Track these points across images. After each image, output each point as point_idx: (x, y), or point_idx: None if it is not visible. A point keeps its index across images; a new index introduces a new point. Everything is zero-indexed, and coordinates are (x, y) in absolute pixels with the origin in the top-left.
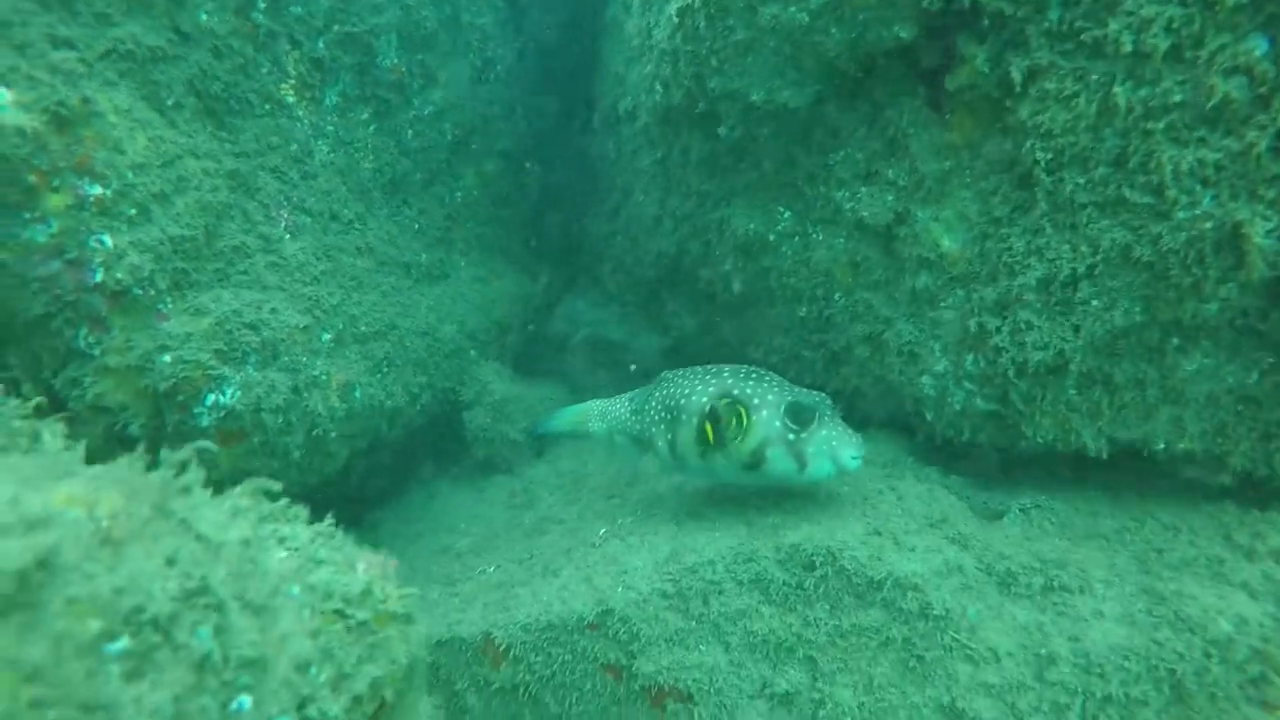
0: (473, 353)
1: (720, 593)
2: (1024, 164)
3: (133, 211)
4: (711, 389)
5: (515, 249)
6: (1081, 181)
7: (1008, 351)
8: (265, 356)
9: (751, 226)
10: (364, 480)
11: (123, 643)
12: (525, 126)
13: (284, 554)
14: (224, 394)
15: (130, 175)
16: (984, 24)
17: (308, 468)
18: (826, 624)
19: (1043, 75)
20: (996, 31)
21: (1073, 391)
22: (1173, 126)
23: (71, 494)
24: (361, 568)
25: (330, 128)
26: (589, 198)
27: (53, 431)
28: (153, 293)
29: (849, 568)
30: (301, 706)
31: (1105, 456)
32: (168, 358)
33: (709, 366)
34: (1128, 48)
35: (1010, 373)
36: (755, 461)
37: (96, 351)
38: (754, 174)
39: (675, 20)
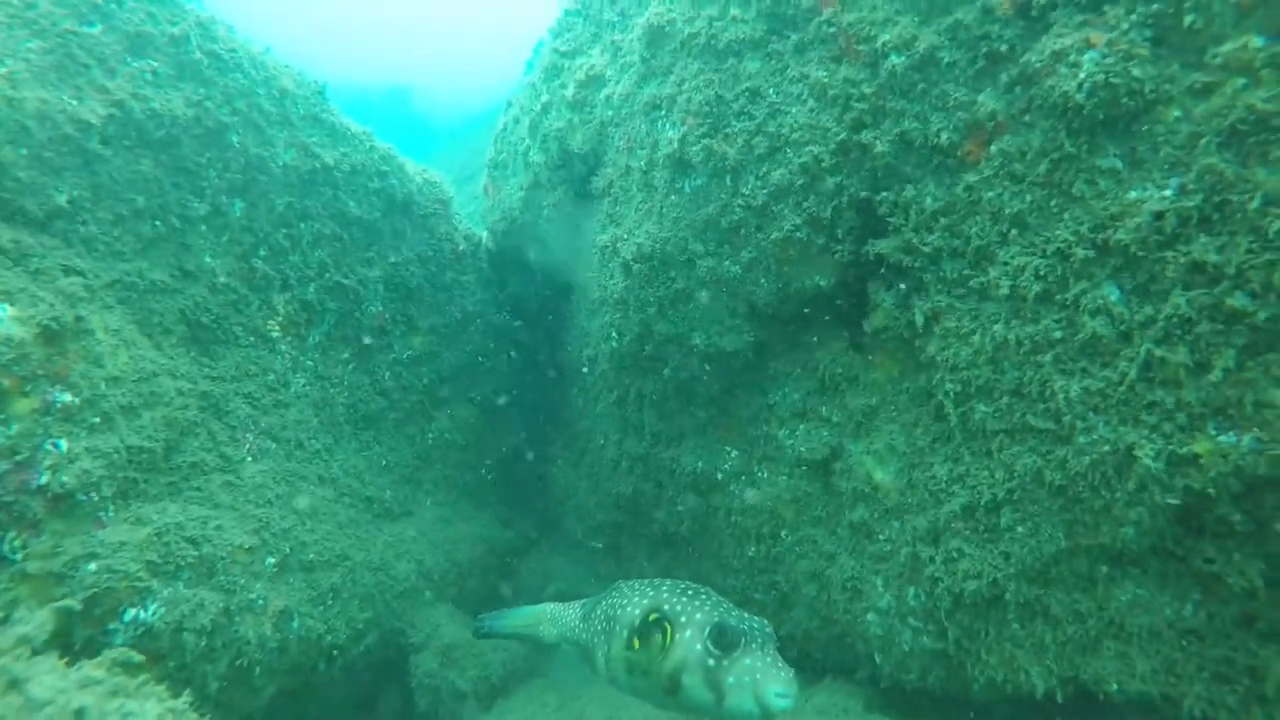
0: (428, 594)
1: None
2: (938, 396)
3: (96, 419)
4: (646, 602)
5: (484, 494)
6: (989, 410)
7: (943, 581)
8: (200, 573)
9: (700, 465)
10: None
11: None
12: (501, 377)
13: None
14: (146, 609)
15: (103, 386)
16: (889, 273)
17: (225, 703)
18: None
19: (943, 316)
20: (900, 279)
21: (1015, 625)
22: (1059, 359)
23: None
24: None
25: (310, 363)
26: (559, 449)
27: None
28: (96, 498)
29: None
30: None
31: (1060, 699)
32: (93, 565)
33: (657, 580)
34: (1005, 291)
35: (948, 604)
36: (673, 686)
37: (18, 557)
38: (701, 414)
39: (624, 271)
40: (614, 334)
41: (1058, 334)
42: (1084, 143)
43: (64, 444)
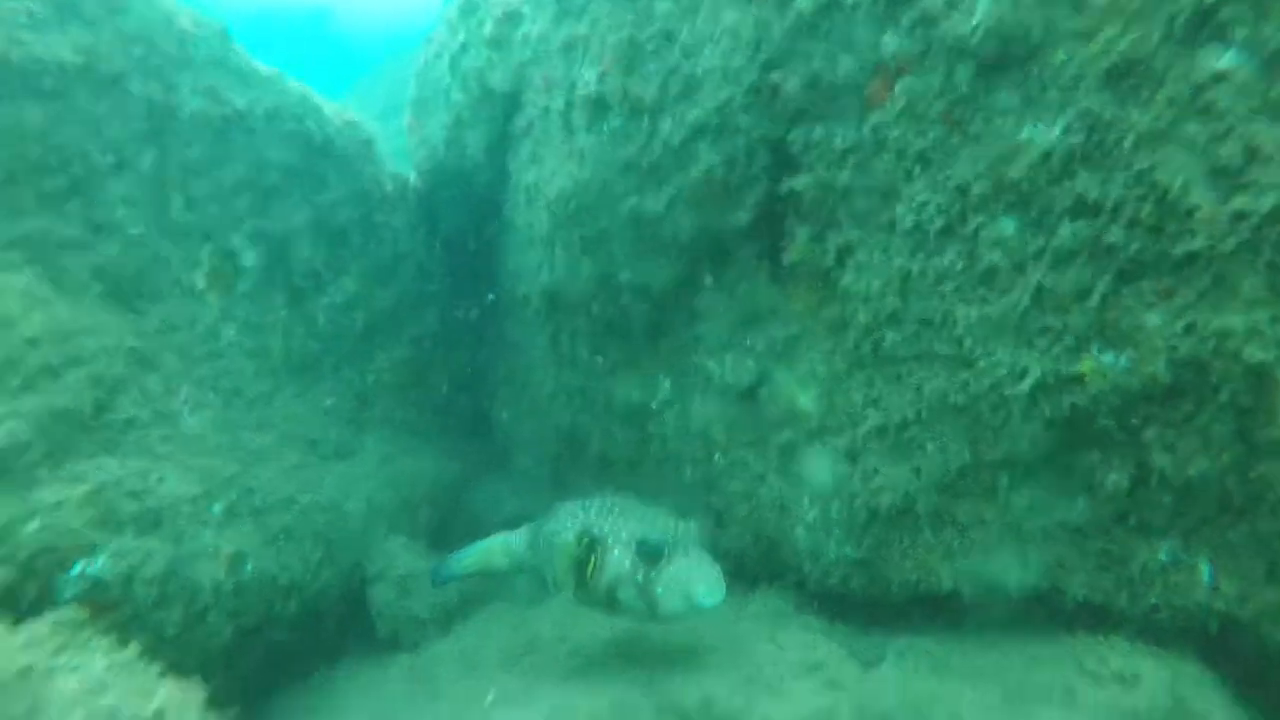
0: (380, 528)
1: None
2: (853, 325)
3: (16, 382)
4: (578, 525)
5: (429, 430)
6: (899, 338)
7: (860, 496)
8: (146, 524)
9: (634, 395)
10: (262, 661)
11: None
12: (436, 315)
13: (72, 682)
14: (94, 563)
15: (21, 348)
16: (804, 209)
17: (185, 645)
18: None
19: (855, 249)
20: (815, 215)
21: (926, 532)
22: (960, 289)
23: None
24: (161, 694)
25: (240, 312)
26: (500, 384)
27: None
28: (28, 459)
29: (724, 716)
30: None
31: (967, 595)
32: (34, 524)
33: (588, 500)
34: (910, 225)
35: (864, 517)
36: (611, 600)
37: None
38: (631, 347)
39: (549, 212)
40: (544, 272)
41: (959, 265)
42: (980, 84)
43: None
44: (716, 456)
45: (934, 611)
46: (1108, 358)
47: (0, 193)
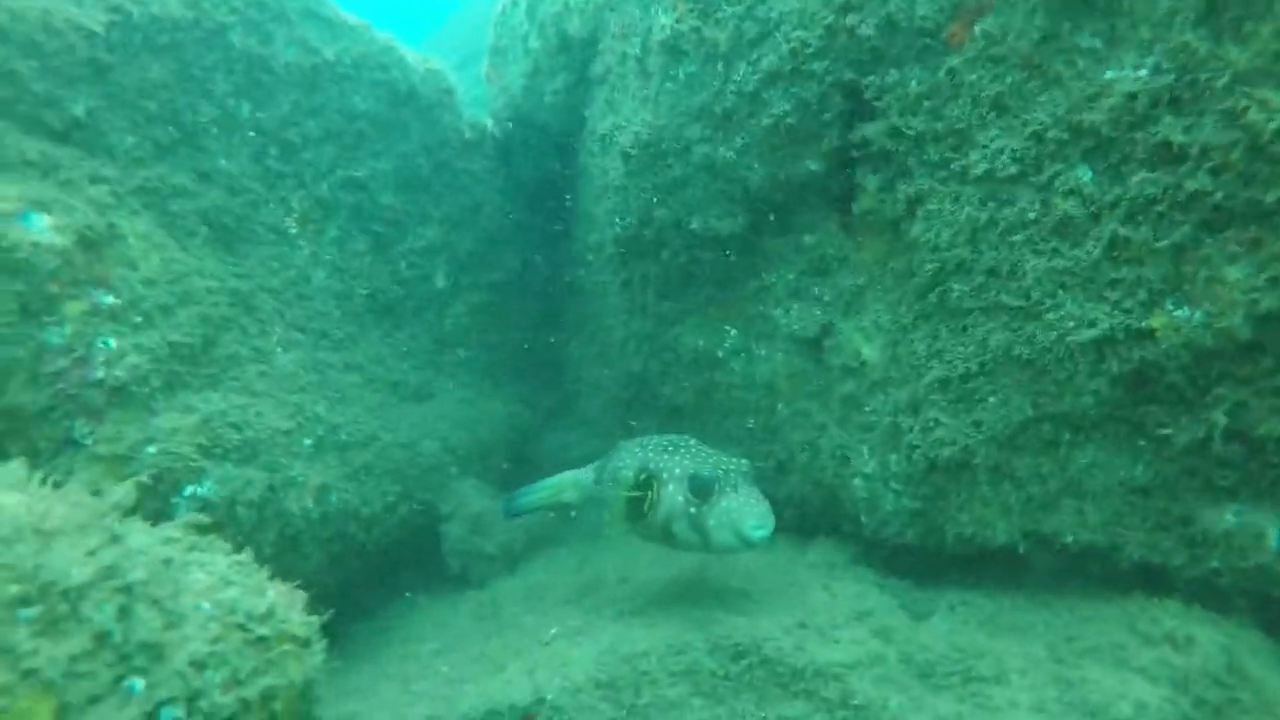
0: (454, 469)
1: (653, 683)
2: (920, 276)
3: (139, 319)
4: (636, 462)
5: (503, 374)
6: (965, 289)
7: (920, 448)
8: (245, 454)
9: (700, 343)
10: (342, 590)
11: (35, 608)
12: (513, 261)
13: (201, 575)
14: (201, 486)
15: (141, 288)
16: (876, 157)
17: (279, 565)
18: (754, 715)
19: (926, 198)
20: (886, 164)
21: (984, 486)
22: (1031, 239)
23: (19, 498)
24: (271, 594)
25: (328, 256)
26: (572, 330)
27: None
28: (147, 390)
29: (773, 657)
30: (192, 699)
31: (1022, 550)
32: (153, 449)
33: (647, 438)
34: (983, 173)
35: (923, 468)
36: (666, 534)
37: (89, 442)
38: (701, 295)
39: (623, 159)
40: (616, 220)
41: (1032, 215)
42: (1065, 23)
43: (113, 342)
44: (780, 406)
45: (988, 566)
46: (1182, 312)
47: (124, 144)
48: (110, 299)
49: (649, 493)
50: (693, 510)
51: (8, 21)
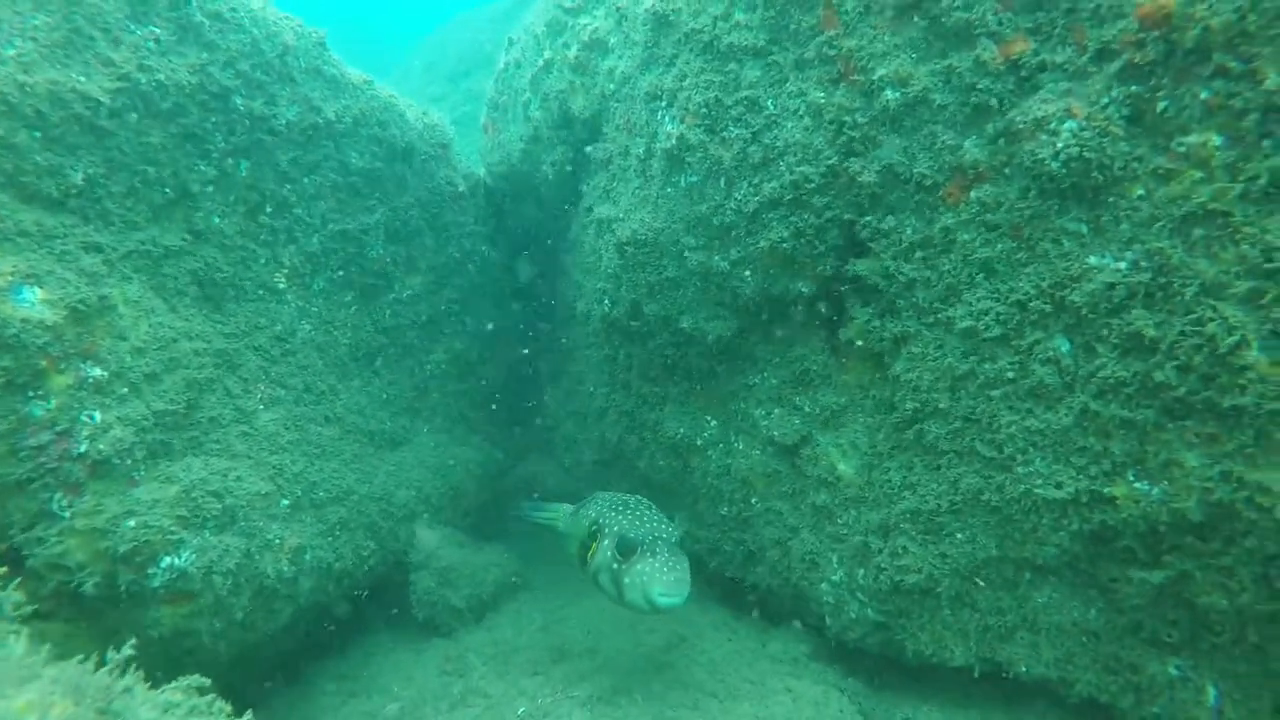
0: (426, 516)
1: None
2: (899, 410)
3: (124, 390)
4: (593, 514)
5: (478, 418)
6: (942, 431)
7: (887, 571)
8: (223, 522)
9: (681, 430)
10: (306, 634)
11: None
12: (495, 308)
13: None
14: (179, 557)
15: (128, 359)
16: (866, 291)
17: (250, 626)
18: None
19: (911, 340)
20: (875, 299)
21: (946, 611)
22: (1008, 396)
23: (30, 701)
24: None
25: (315, 309)
26: (549, 379)
27: (18, 635)
28: (130, 462)
29: None
30: None
31: (978, 674)
32: (132, 522)
33: (611, 495)
34: (968, 328)
35: (888, 588)
36: (595, 583)
37: (67, 515)
38: (684, 385)
39: (617, 252)
40: (606, 301)
41: (1010, 375)
42: (1054, 205)
43: (98, 415)
44: (754, 500)
45: (943, 682)
46: (1142, 485)
47: (120, 208)
48: (97, 371)
49: (594, 543)
50: (615, 566)
51: (16, 96)
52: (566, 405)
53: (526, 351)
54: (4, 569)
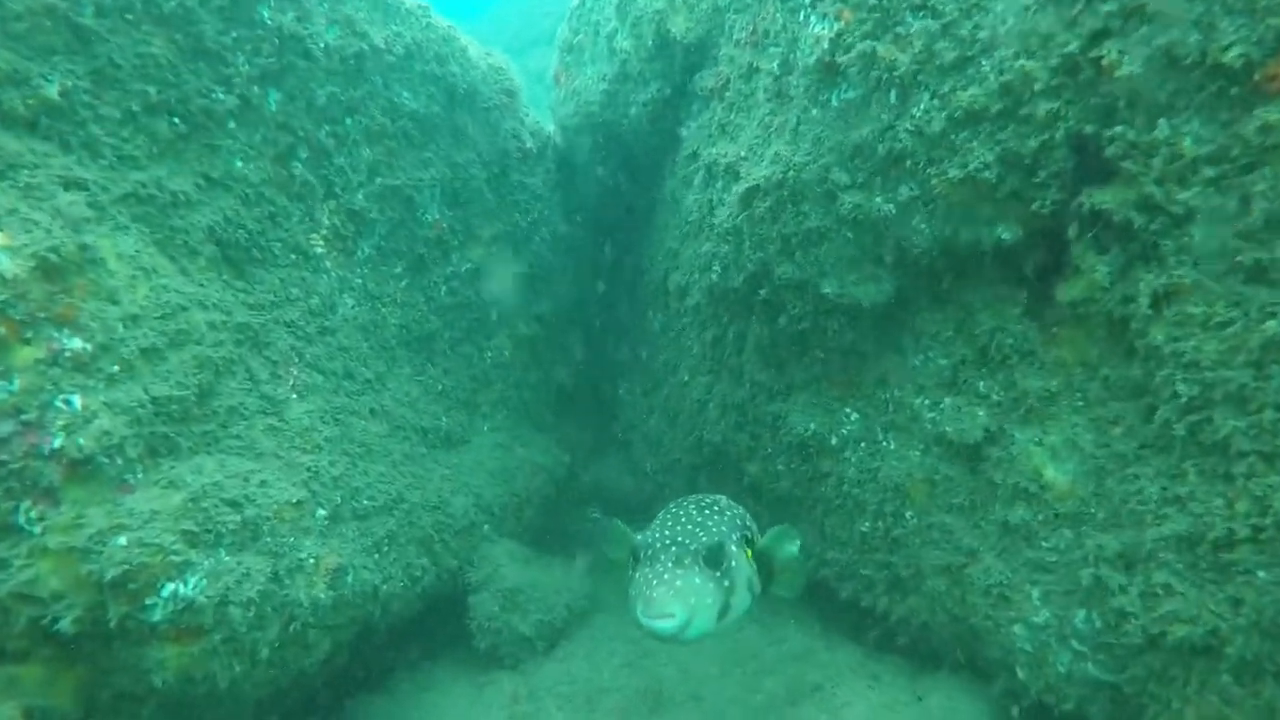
0: (486, 527)
1: None
2: (1159, 396)
3: (115, 368)
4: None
5: (544, 416)
6: (1241, 425)
7: (1136, 618)
8: (243, 538)
9: (811, 426)
10: (349, 664)
11: None
12: (566, 290)
13: None
14: (186, 583)
15: (120, 328)
16: (1107, 233)
17: (279, 664)
18: None
19: (1184, 297)
20: (1123, 243)
21: (1228, 678)
22: None
23: None
24: None
25: (359, 281)
26: (625, 369)
27: None
28: (121, 461)
29: None
30: None
31: None
32: (123, 539)
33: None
34: None
35: (1139, 642)
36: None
37: (36, 530)
38: (818, 369)
39: (741, 201)
40: (717, 267)
41: None
42: None
43: (77, 400)
44: (909, 514)
45: None
46: None
47: (113, 137)
48: (77, 343)
49: None
50: (630, 574)
51: None
52: (649, 401)
53: (604, 333)
54: None
